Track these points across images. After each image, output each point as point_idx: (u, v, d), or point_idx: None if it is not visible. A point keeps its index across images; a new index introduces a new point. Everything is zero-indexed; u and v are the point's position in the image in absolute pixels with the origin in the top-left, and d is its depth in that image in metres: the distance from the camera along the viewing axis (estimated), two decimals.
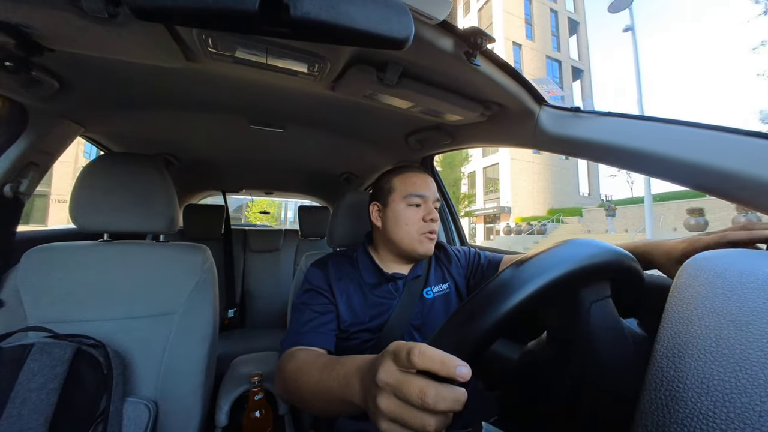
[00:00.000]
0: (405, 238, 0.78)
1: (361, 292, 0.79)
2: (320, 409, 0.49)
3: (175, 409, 0.77)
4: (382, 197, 0.82)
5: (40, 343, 0.63)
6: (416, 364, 0.29)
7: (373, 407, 0.32)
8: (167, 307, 0.82)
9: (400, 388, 0.30)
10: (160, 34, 0.54)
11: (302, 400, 0.52)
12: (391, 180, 0.83)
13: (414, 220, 0.78)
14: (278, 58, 0.62)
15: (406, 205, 0.79)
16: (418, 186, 0.80)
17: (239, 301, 1.97)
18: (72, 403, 0.61)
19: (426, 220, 0.78)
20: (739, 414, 0.17)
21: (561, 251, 0.33)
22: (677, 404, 0.19)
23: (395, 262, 0.83)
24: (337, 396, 0.42)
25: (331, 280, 0.78)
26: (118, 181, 0.81)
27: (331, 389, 0.44)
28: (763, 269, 0.23)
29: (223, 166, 1.70)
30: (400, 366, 0.31)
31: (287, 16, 0.37)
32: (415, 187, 0.79)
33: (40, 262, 0.76)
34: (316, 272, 0.81)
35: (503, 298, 0.30)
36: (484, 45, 0.59)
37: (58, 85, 0.74)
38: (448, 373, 0.28)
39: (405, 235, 0.78)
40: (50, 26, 0.52)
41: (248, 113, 1.01)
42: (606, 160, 0.68)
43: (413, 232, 0.78)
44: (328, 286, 0.78)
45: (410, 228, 0.78)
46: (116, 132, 1.14)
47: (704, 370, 0.19)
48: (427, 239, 0.78)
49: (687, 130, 0.56)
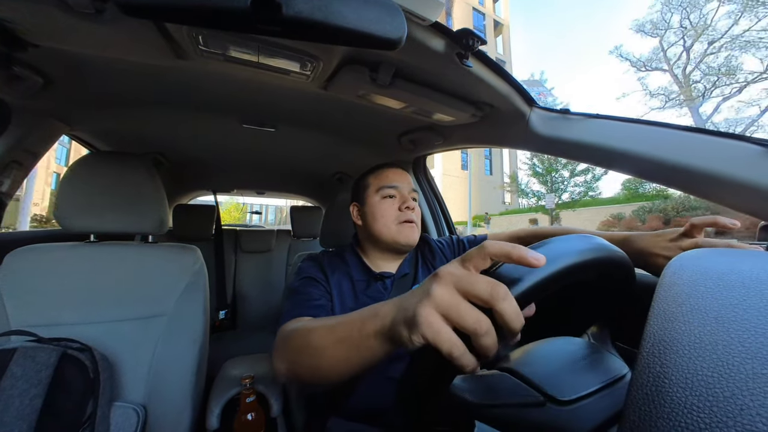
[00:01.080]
0: (383, 229, 0.78)
1: (352, 289, 0.79)
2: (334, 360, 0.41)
3: (164, 413, 0.76)
4: (360, 196, 0.84)
5: (23, 347, 0.61)
6: (491, 251, 0.28)
7: (418, 306, 0.28)
8: (156, 309, 0.81)
9: (467, 278, 0.28)
10: (149, 31, 0.53)
11: (311, 357, 0.45)
12: (366, 178, 0.85)
13: (389, 211, 0.79)
14: (270, 57, 0.61)
15: (381, 198, 0.80)
16: (390, 178, 0.81)
17: (231, 303, 1.95)
18: (57, 409, 0.59)
19: (402, 209, 0.79)
20: (722, 407, 0.17)
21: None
22: (663, 399, 0.19)
23: (382, 259, 0.83)
24: (359, 331, 0.37)
25: (326, 272, 0.78)
26: (106, 180, 0.79)
27: (352, 323, 0.39)
28: (744, 267, 0.24)
29: (214, 166, 1.67)
30: (465, 266, 0.29)
31: (279, 14, 0.37)
32: (387, 180, 0.81)
33: (23, 264, 0.74)
34: (311, 264, 0.81)
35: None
36: (476, 46, 0.60)
37: (42, 81, 0.72)
38: (520, 255, 0.27)
39: (383, 226, 0.78)
40: (34, 22, 0.50)
41: (240, 112, 1.00)
42: (594, 160, 0.69)
43: (390, 223, 0.78)
44: (324, 276, 0.78)
45: (387, 219, 0.78)
46: (103, 130, 1.12)
47: (688, 365, 0.20)
48: (406, 227, 0.78)
49: (672, 132, 0.58)
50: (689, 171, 0.53)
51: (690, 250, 0.29)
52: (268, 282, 2.05)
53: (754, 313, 0.20)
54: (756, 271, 0.23)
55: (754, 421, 0.16)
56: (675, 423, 0.18)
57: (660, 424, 0.19)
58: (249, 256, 2.07)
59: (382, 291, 0.79)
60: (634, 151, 0.60)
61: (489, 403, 0.35)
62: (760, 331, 0.19)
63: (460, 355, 0.26)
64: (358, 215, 0.85)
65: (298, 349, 0.49)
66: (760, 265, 0.24)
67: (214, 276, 1.85)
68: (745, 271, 0.24)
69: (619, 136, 0.63)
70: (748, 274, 0.23)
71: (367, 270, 0.81)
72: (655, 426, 0.19)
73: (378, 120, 1.02)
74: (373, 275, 0.80)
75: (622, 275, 0.36)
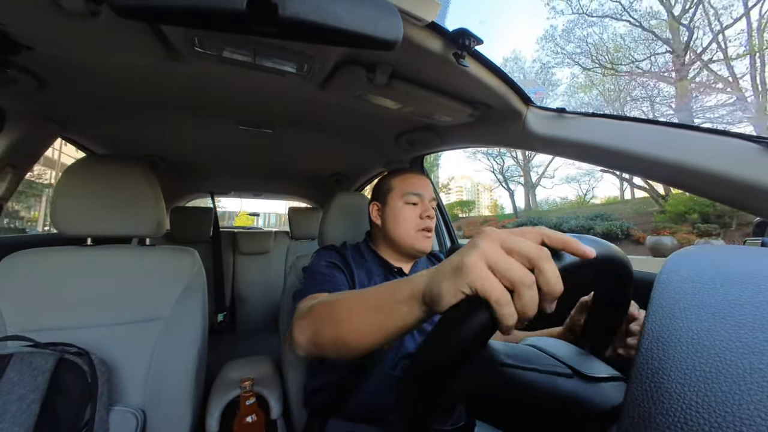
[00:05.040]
0: (403, 234, 0.81)
1: (370, 282, 0.78)
2: (361, 327, 0.39)
3: (163, 416, 0.75)
4: (381, 197, 0.86)
5: (20, 352, 0.60)
6: (548, 233, 0.29)
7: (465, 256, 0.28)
8: (154, 312, 0.80)
9: (512, 238, 0.28)
10: (144, 32, 0.53)
11: (336, 325, 0.43)
12: (390, 180, 0.86)
13: (411, 217, 0.81)
14: (266, 58, 0.61)
15: (404, 203, 0.82)
16: (415, 185, 0.83)
17: (229, 305, 1.94)
18: (54, 414, 0.59)
19: (423, 217, 0.81)
20: (720, 402, 0.18)
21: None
22: (662, 395, 0.19)
23: (395, 259, 0.85)
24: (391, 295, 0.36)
25: (350, 262, 0.78)
26: (102, 183, 0.79)
27: (383, 289, 0.39)
28: (740, 263, 0.24)
29: (210, 168, 1.67)
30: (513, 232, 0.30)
31: (276, 15, 0.37)
32: (413, 187, 0.83)
33: (19, 269, 0.73)
34: (332, 253, 0.80)
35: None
36: (473, 46, 0.60)
37: (37, 84, 0.71)
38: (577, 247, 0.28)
39: (403, 231, 0.81)
40: (29, 25, 0.50)
41: (236, 114, 1.00)
42: (590, 159, 0.70)
43: (410, 229, 0.80)
44: (347, 266, 0.77)
45: (408, 225, 0.81)
46: (99, 133, 1.11)
47: (687, 361, 0.20)
48: (424, 236, 0.81)
49: (668, 130, 0.58)
50: (685, 169, 0.53)
51: (686, 247, 0.30)
52: (266, 284, 2.05)
53: (751, 309, 0.20)
54: (752, 267, 0.23)
55: (752, 415, 0.16)
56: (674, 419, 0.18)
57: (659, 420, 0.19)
58: (247, 258, 2.07)
59: None
60: (630, 150, 0.60)
61: (523, 366, 0.36)
62: (757, 326, 0.19)
63: (506, 302, 0.26)
64: (378, 215, 0.86)
65: (322, 318, 0.47)
66: (755, 261, 0.24)
67: (212, 278, 1.84)
68: (741, 267, 0.24)
69: (615, 134, 0.64)
70: (744, 270, 0.23)
71: (385, 264, 0.83)
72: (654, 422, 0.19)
73: (375, 121, 1.02)
74: (391, 269, 0.82)
75: (626, 279, 0.37)
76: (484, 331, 0.26)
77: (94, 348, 0.69)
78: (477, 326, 0.26)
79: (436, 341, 0.29)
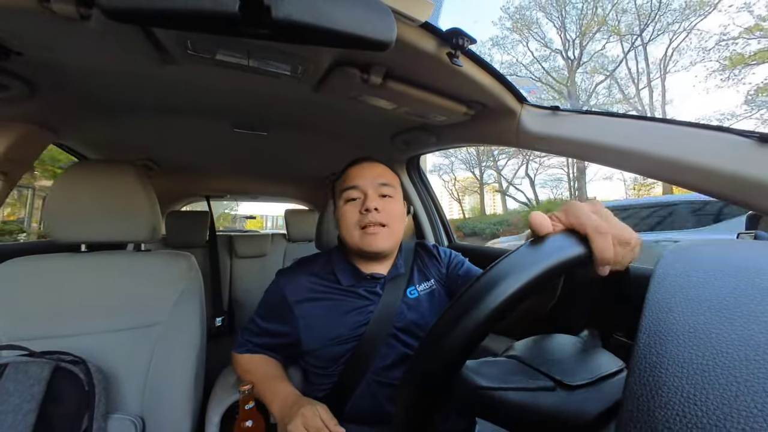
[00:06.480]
0: (347, 236, 0.74)
1: (334, 303, 0.74)
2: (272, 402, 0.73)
3: (162, 423, 0.74)
4: (335, 202, 0.81)
5: (15, 362, 0.59)
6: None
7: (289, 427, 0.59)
8: (151, 318, 0.79)
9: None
10: (136, 36, 0.53)
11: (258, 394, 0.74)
12: (337, 181, 0.81)
13: (351, 216, 0.73)
14: (260, 61, 0.61)
15: (345, 202, 0.75)
16: (351, 177, 0.75)
17: (227, 309, 1.93)
18: (51, 424, 0.58)
19: (361, 212, 0.71)
20: (717, 394, 0.18)
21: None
22: (660, 389, 0.20)
23: (365, 265, 0.77)
24: (267, 399, 0.72)
25: (289, 300, 0.74)
26: (96, 189, 0.78)
27: (264, 394, 0.72)
28: (735, 257, 0.25)
29: (205, 172, 1.66)
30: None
31: (269, 17, 0.37)
32: (349, 180, 0.74)
33: (12, 277, 0.72)
34: (275, 290, 0.80)
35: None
36: (466, 46, 0.60)
37: (28, 89, 0.70)
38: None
39: (347, 233, 0.74)
40: (18, 29, 0.49)
41: (230, 117, 0.99)
42: (584, 156, 0.70)
43: (351, 229, 0.72)
44: (287, 306, 0.74)
45: (348, 224, 0.73)
46: (92, 138, 1.10)
47: (684, 354, 0.20)
48: (366, 234, 0.71)
49: (661, 126, 0.59)
50: (677, 164, 0.54)
51: (682, 242, 0.30)
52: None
53: (746, 301, 0.21)
54: (746, 260, 0.24)
55: (749, 406, 0.17)
56: (672, 411, 0.19)
57: (657, 413, 0.19)
58: (244, 261, 2.05)
59: (373, 294, 0.75)
60: (623, 146, 0.61)
61: (499, 387, 0.35)
62: (753, 319, 0.20)
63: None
64: (336, 221, 0.81)
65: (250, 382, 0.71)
66: (750, 255, 0.25)
67: (209, 282, 1.83)
68: (736, 260, 0.24)
69: (608, 131, 0.64)
70: (739, 264, 0.24)
71: (355, 272, 0.76)
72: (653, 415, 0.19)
73: (370, 121, 1.01)
74: (362, 276, 0.76)
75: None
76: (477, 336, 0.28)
77: (91, 355, 0.68)
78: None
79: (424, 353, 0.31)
